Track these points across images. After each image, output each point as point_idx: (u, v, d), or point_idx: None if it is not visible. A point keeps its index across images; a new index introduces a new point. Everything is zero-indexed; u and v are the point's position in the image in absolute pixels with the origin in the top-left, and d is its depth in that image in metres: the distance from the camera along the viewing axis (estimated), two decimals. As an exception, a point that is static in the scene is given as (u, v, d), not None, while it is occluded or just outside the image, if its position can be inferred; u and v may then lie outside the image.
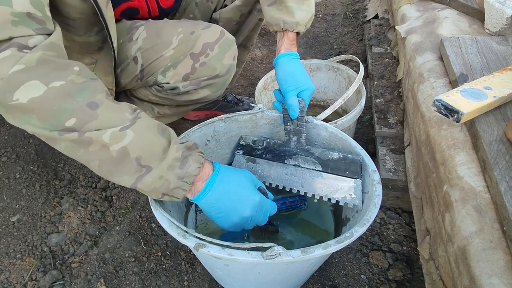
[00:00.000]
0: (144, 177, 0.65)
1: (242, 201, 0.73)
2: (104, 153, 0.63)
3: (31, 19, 0.61)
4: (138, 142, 0.64)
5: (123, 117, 0.64)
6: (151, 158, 0.65)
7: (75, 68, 0.64)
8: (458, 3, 1.25)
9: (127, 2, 0.96)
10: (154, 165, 0.65)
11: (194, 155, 0.69)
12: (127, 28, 0.97)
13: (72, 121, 0.60)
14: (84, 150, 0.63)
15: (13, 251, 1.07)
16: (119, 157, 0.63)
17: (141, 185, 0.66)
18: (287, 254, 0.62)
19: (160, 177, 0.66)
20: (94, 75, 0.68)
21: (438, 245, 0.77)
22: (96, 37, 0.88)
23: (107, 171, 0.65)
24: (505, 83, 0.80)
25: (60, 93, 0.60)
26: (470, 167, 0.73)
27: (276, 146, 0.95)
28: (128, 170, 0.65)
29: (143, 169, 0.65)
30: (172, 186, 0.67)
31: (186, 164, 0.67)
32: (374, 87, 1.39)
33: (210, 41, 0.94)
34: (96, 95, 0.63)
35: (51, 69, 0.60)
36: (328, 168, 0.88)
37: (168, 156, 0.66)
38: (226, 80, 1.02)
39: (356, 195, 0.82)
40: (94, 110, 0.61)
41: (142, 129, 0.65)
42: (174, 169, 0.66)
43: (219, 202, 0.73)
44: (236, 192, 0.73)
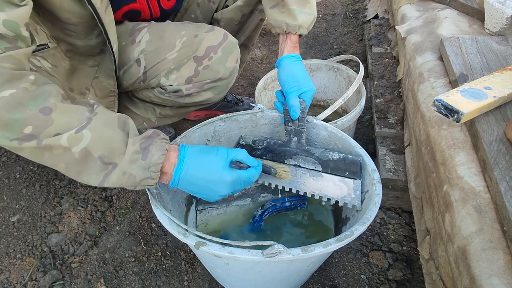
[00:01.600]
0: (109, 175, 0.65)
1: (214, 184, 0.72)
2: (67, 155, 0.63)
3: (2, 39, 0.61)
4: (97, 140, 0.63)
5: (79, 117, 0.64)
6: (114, 154, 0.65)
7: (30, 77, 0.63)
8: (458, 3, 1.25)
9: (128, 4, 0.97)
10: (118, 161, 0.65)
11: (156, 144, 0.68)
12: (129, 30, 0.97)
13: (29, 129, 0.60)
14: (48, 154, 0.63)
15: (13, 251, 1.07)
16: (82, 158, 0.64)
17: (108, 183, 0.66)
18: (288, 252, 0.62)
19: (123, 172, 0.66)
20: (50, 81, 0.68)
21: (438, 245, 0.77)
22: (96, 40, 0.88)
23: (74, 172, 0.66)
24: (505, 83, 0.80)
25: (11, 102, 0.59)
26: (470, 167, 0.73)
27: (276, 146, 0.95)
28: (94, 169, 0.65)
29: (109, 166, 0.65)
30: (138, 178, 0.67)
31: (148, 154, 0.67)
32: (374, 87, 1.39)
33: (214, 44, 0.94)
34: (50, 100, 0.62)
35: (3, 80, 0.60)
36: (328, 169, 0.88)
37: (127, 151, 0.65)
38: (229, 82, 1.03)
39: (355, 195, 0.82)
40: (48, 116, 0.61)
41: (99, 127, 0.64)
42: (136, 162, 0.66)
43: (193, 187, 0.73)
44: (204, 177, 0.72)
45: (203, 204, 1.06)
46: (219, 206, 1.05)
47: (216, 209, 1.05)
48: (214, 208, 1.05)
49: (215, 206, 1.06)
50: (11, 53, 0.62)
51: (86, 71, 0.96)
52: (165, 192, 0.84)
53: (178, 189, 0.92)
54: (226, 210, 1.05)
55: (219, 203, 1.06)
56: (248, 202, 1.05)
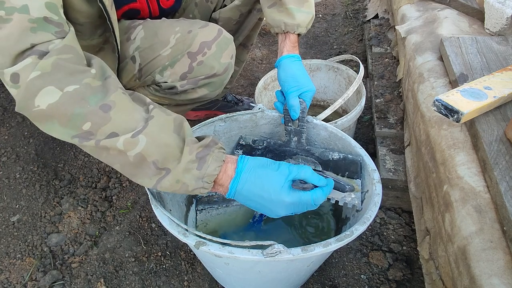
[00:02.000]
0: (162, 180, 0.65)
1: (271, 204, 0.68)
2: (123, 157, 0.63)
3: (49, 23, 0.61)
4: (152, 146, 0.63)
5: (136, 118, 0.64)
6: (168, 160, 0.64)
7: (92, 71, 0.64)
8: (458, 3, 1.25)
9: (129, 4, 0.97)
10: (172, 167, 0.64)
11: (213, 154, 0.66)
12: (125, 27, 0.97)
13: (88, 125, 0.61)
14: (106, 153, 0.64)
15: (13, 251, 1.07)
16: (137, 162, 0.63)
17: (161, 188, 0.66)
18: (288, 252, 0.62)
19: (177, 181, 0.65)
20: (110, 72, 0.68)
21: (438, 245, 0.77)
22: (98, 39, 0.89)
23: (129, 173, 0.66)
24: (505, 83, 0.80)
25: (74, 97, 0.60)
26: (470, 167, 0.73)
27: (276, 146, 0.95)
28: (148, 173, 0.65)
29: (162, 172, 0.64)
30: (191, 188, 0.66)
31: (204, 164, 0.65)
32: (374, 87, 1.39)
33: (208, 40, 0.94)
34: (110, 96, 0.63)
35: (66, 74, 0.61)
36: (328, 168, 0.88)
37: (182, 159, 0.64)
38: (224, 79, 1.02)
39: (355, 195, 0.82)
40: (106, 113, 0.61)
41: (155, 132, 0.64)
42: (191, 171, 0.65)
43: (249, 203, 0.70)
44: (261, 195, 0.67)
45: (203, 204, 1.06)
46: (219, 206, 1.05)
47: (216, 209, 1.05)
48: (214, 208, 1.05)
49: (215, 206, 1.06)
50: (65, 43, 0.62)
51: None
52: (165, 192, 0.84)
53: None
54: (226, 210, 1.05)
55: (219, 203, 1.06)
56: (248, 202, 1.05)
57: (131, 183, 1.26)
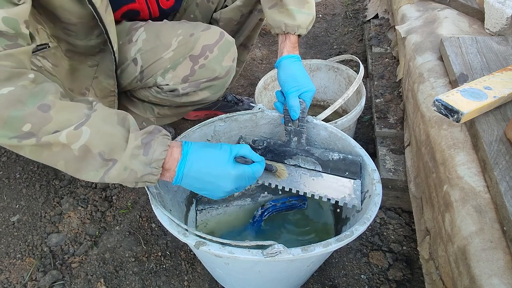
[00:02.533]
0: (110, 171, 0.65)
1: (219, 179, 0.71)
2: (67, 152, 0.63)
3: (2, 37, 0.61)
4: (97, 137, 0.63)
5: (78, 114, 0.64)
6: (114, 150, 0.64)
7: (30, 75, 0.63)
8: (458, 3, 1.25)
9: (128, 4, 0.97)
10: (118, 157, 0.65)
11: (157, 139, 0.67)
12: (126, 29, 0.97)
13: (28, 126, 0.60)
14: (47, 151, 0.63)
15: (13, 251, 1.07)
16: (82, 155, 0.63)
17: (108, 179, 0.66)
18: (288, 252, 0.62)
19: (124, 168, 0.65)
20: (49, 80, 0.67)
21: (438, 245, 0.77)
22: (96, 40, 0.88)
23: (73, 169, 0.65)
24: (505, 83, 0.80)
25: (10, 99, 0.59)
26: (470, 167, 0.73)
27: (276, 146, 0.95)
28: (94, 165, 0.64)
29: (109, 163, 0.65)
30: (139, 174, 0.66)
31: (150, 149, 0.66)
32: (374, 87, 1.39)
33: (210, 43, 0.94)
34: (48, 97, 0.62)
35: (2, 78, 0.59)
36: (328, 169, 0.88)
37: (128, 146, 0.65)
38: (225, 82, 1.02)
39: (355, 195, 0.82)
40: (46, 113, 0.61)
41: (99, 123, 0.64)
42: (138, 157, 0.65)
43: (196, 183, 0.72)
44: (209, 172, 0.71)
45: (203, 204, 1.06)
46: (219, 206, 1.05)
47: (216, 209, 1.05)
48: (214, 208, 1.05)
49: (215, 206, 1.06)
50: (11, 52, 0.62)
51: (86, 71, 0.96)
52: (165, 192, 0.84)
53: (179, 189, 0.93)
54: (226, 210, 1.05)
55: (219, 203, 1.06)
56: (248, 202, 1.05)
57: (131, 183, 1.25)
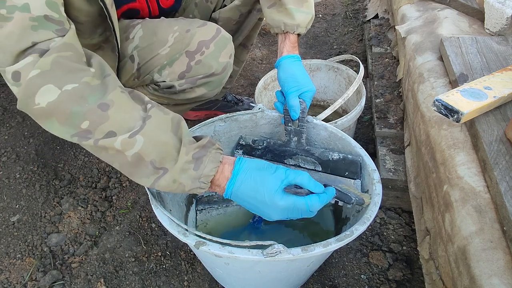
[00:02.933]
0: (160, 180, 0.65)
1: (265, 207, 0.68)
2: (121, 157, 0.64)
3: (50, 21, 0.62)
4: (149, 146, 0.63)
5: (134, 117, 0.64)
6: (165, 160, 0.65)
7: (91, 69, 0.64)
8: (458, 3, 1.25)
9: (128, 3, 0.97)
10: (169, 167, 0.65)
11: (210, 154, 0.67)
12: (124, 27, 0.97)
13: (86, 123, 0.61)
14: (105, 152, 0.65)
15: (13, 251, 1.07)
16: (135, 162, 0.64)
17: (159, 187, 0.66)
18: (288, 252, 0.62)
19: (174, 180, 0.66)
20: (110, 70, 0.68)
21: (438, 245, 0.77)
22: (98, 38, 0.88)
23: (127, 172, 0.67)
24: (505, 83, 0.80)
25: (73, 96, 0.61)
26: (470, 167, 0.73)
27: (276, 146, 0.95)
28: (145, 172, 0.65)
29: (159, 171, 0.65)
30: (187, 188, 0.66)
31: (200, 165, 0.66)
32: (374, 87, 1.39)
33: (206, 39, 0.94)
34: (108, 95, 0.63)
35: (65, 72, 0.61)
36: (328, 169, 0.88)
37: (179, 160, 0.65)
38: (222, 78, 1.02)
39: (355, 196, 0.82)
40: (105, 112, 0.62)
41: (152, 132, 0.64)
42: (187, 171, 0.65)
43: (245, 204, 0.71)
44: (255, 198, 0.68)
45: (203, 204, 1.06)
46: (219, 206, 1.05)
47: (216, 209, 1.05)
48: (214, 208, 1.05)
49: (215, 206, 1.06)
50: (66, 40, 0.63)
51: None
52: (165, 192, 0.84)
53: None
54: (226, 210, 1.05)
55: (219, 203, 1.06)
56: (248, 202, 1.05)
57: (131, 183, 1.26)
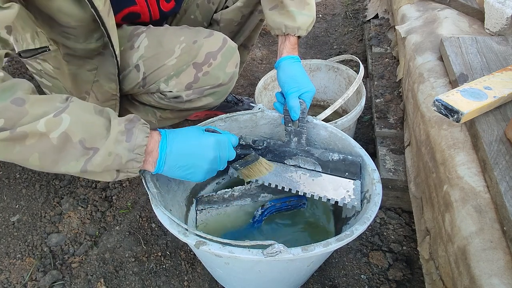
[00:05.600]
0: (92, 159, 0.63)
1: (201, 147, 0.74)
2: (44, 143, 0.60)
3: None
4: (78, 124, 0.62)
5: (55, 105, 0.62)
6: (96, 138, 0.63)
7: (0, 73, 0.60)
8: (458, 3, 1.25)
9: (129, 7, 0.96)
10: (100, 145, 0.63)
11: (138, 126, 0.68)
12: (127, 35, 0.97)
13: (1, 122, 0.57)
14: (20, 146, 0.59)
15: (13, 251, 1.07)
16: (61, 144, 0.61)
17: (91, 167, 0.64)
18: (288, 251, 0.62)
19: (109, 153, 0.64)
20: (21, 79, 0.66)
21: (438, 245, 0.77)
22: (96, 43, 0.88)
23: (50, 161, 0.62)
24: (505, 83, 0.80)
25: None
26: (470, 167, 0.73)
27: (276, 147, 0.95)
28: (74, 155, 0.62)
29: (90, 152, 0.63)
30: (124, 159, 0.65)
31: (132, 135, 0.66)
32: (374, 87, 1.39)
33: (213, 50, 0.94)
34: (20, 92, 0.59)
35: None
36: (328, 169, 0.88)
37: (112, 131, 0.64)
38: (229, 88, 1.02)
39: (355, 196, 0.82)
40: (21, 106, 0.58)
41: (78, 111, 0.63)
42: (121, 142, 0.65)
43: (181, 158, 0.73)
44: (191, 143, 0.74)
45: (203, 204, 1.06)
46: (219, 206, 1.05)
47: (216, 209, 1.05)
48: (214, 208, 1.05)
49: (215, 206, 1.06)
50: None
51: (85, 75, 0.96)
52: (165, 192, 0.84)
53: (179, 189, 0.93)
54: (226, 210, 1.05)
55: (219, 203, 1.06)
56: (248, 202, 1.05)
57: (131, 183, 1.26)
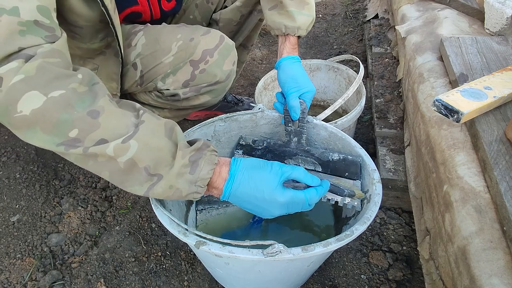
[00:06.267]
0: (154, 187, 0.63)
1: (266, 204, 0.68)
2: (113, 164, 0.61)
3: (39, 27, 0.59)
4: (144, 151, 0.61)
5: (126, 123, 0.62)
6: (160, 165, 0.63)
7: (78, 76, 0.61)
8: (458, 3, 1.25)
9: (131, 7, 0.96)
10: (164, 173, 0.63)
11: (205, 157, 0.65)
12: (125, 33, 0.97)
13: (75, 132, 0.58)
14: (93, 161, 0.62)
15: (13, 251, 1.07)
16: (127, 168, 0.62)
17: (153, 195, 0.65)
18: (288, 251, 0.62)
19: (170, 186, 0.64)
20: (98, 79, 0.66)
21: (438, 245, 0.77)
22: (100, 43, 0.88)
23: (118, 181, 0.64)
24: (505, 83, 0.80)
25: (60, 103, 0.57)
26: (470, 167, 0.73)
27: (276, 147, 0.95)
28: (139, 180, 0.63)
29: (154, 178, 0.63)
30: (184, 193, 0.65)
31: (197, 168, 0.64)
32: (374, 87, 1.39)
33: (210, 47, 0.93)
34: (98, 102, 0.60)
35: (51, 78, 0.58)
36: (328, 169, 0.88)
37: (175, 164, 0.63)
38: (226, 85, 1.02)
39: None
40: (95, 119, 0.59)
41: (146, 136, 0.62)
42: (184, 175, 0.63)
43: (244, 204, 0.70)
44: (255, 196, 0.68)
45: (203, 204, 1.06)
46: (219, 206, 1.06)
47: (216, 209, 1.05)
48: (214, 208, 1.05)
49: (215, 206, 1.06)
50: (55, 46, 0.60)
51: None
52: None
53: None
54: (226, 210, 1.05)
55: (219, 203, 1.06)
56: (248, 202, 1.05)
57: (131, 183, 1.25)
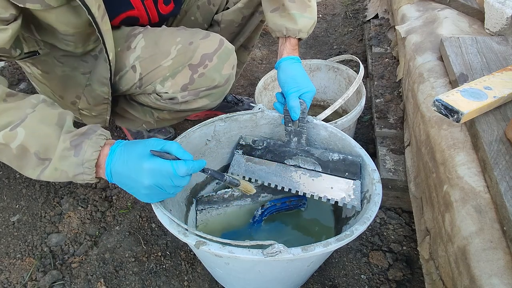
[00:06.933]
0: (44, 171, 0.68)
1: (133, 172, 0.67)
2: (8, 151, 0.66)
3: None
4: (32, 137, 0.66)
5: (19, 115, 0.67)
6: (49, 150, 0.67)
7: None
8: (458, 3, 1.25)
9: (126, 12, 0.96)
10: (53, 156, 0.67)
11: (90, 140, 0.68)
12: (125, 35, 0.97)
13: None
14: None
15: (13, 251, 1.07)
16: (20, 154, 0.66)
17: (44, 177, 0.69)
18: (288, 251, 0.62)
19: (55, 168, 0.68)
20: None
21: (438, 245, 0.77)
22: (94, 45, 0.89)
23: (16, 165, 0.69)
24: (505, 83, 0.80)
25: None
26: (470, 167, 0.73)
27: (276, 147, 0.95)
28: (31, 164, 0.67)
29: (45, 162, 0.67)
30: (71, 174, 0.68)
31: (80, 151, 0.67)
32: (374, 87, 1.39)
33: (209, 52, 0.93)
34: None
35: None
36: (327, 169, 0.88)
37: (57, 148, 0.67)
38: (225, 89, 1.02)
39: (355, 196, 0.82)
40: None
41: (34, 124, 0.66)
42: (68, 158, 0.67)
43: (121, 179, 0.70)
44: (128, 165, 0.68)
45: (203, 204, 1.06)
46: (219, 206, 1.05)
47: (216, 209, 1.05)
48: (214, 208, 1.05)
49: (215, 206, 1.06)
50: None
51: (78, 78, 0.96)
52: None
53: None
54: (226, 210, 1.05)
55: (219, 203, 1.06)
56: (248, 202, 1.05)
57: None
